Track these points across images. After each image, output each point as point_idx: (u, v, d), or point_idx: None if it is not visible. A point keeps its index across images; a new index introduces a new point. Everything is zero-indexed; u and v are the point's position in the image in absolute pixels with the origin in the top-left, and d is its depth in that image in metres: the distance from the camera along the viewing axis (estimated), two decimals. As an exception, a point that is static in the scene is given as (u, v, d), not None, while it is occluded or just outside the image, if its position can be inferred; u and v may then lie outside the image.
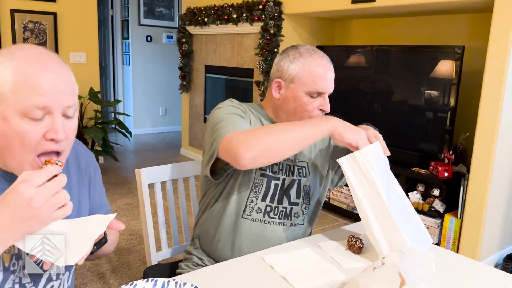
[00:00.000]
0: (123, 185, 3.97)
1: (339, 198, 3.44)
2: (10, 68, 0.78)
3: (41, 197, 0.71)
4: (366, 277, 0.89)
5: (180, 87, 5.06)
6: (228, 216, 1.28)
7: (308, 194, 1.34)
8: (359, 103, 3.36)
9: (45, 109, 0.79)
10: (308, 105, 1.26)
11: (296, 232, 1.33)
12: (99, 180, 1.10)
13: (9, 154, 0.81)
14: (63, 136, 0.81)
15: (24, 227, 0.72)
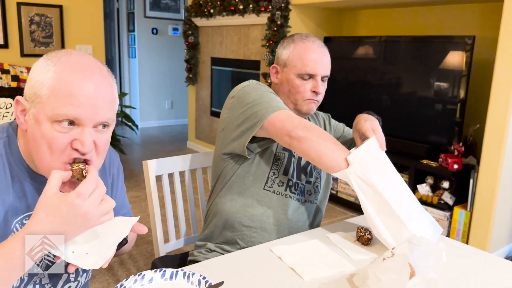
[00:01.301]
0: (130, 178, 3.98)
1: (347, 191, 3.42)
2: (51, 73, 0.77)
3: (94, 208, 0.73)
4: (376, 268, 0.88)
5: (186, 80, 5.05)
6: (248, 188, 1.30)
7: (319, 173, 1.41)
8: (368, 95, 3.33)
9: (76, 120, 0.78)
10: (300, 87, 1.31)
11: (310, 210, 1.38)
12: (121, 180, 1.10)
13: (37, 156, 0.81)
14: (88, 149, 0.79)
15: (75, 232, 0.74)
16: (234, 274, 0.98)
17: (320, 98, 1.36)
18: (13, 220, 0.83)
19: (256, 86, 1.30)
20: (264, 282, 0.96)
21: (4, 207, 0.81)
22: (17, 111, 0.80)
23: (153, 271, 0.93)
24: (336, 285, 0.95)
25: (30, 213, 0.85)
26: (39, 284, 0.89)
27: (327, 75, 1.35)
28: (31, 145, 0.80)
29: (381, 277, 0.85)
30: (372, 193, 1.10)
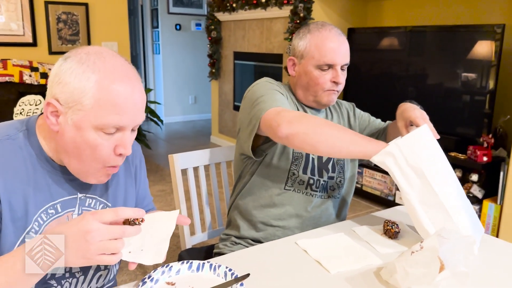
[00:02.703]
0: (155, 172, 4.04)
1: (372, 184, 3.38)
2: (93, 81, 0.79)
3: (98, 235, 0.72)
4: (404, 262, 0.87)
5: (209, 75, 5.07)
6: (269, 188, 1.30)
7: (343, 168, 1.37)
8: (393, 87, 3.27)
9: (120, 127, 0.82)
10: (319, 78, 1.28)
11: (334, 205, 1.37)
12: (144, 171, 1.12)
13: (76, 160, 0.84)
14: (130, 151, 0.85)
15: (70, 253, 0.73)
16: (260, 266, 0.99)
17: (341, 87, 1.32)
18: (37, 211, 0.85)
19: (263, 84, 1.28)
20: (290, 275, 0.96)
21: (24, 198, 0.83)
22: (47, 112, 0.82)
23: (180, 263, 0.95)
24: (363, 278, 0.94)
25: (54, 203, 0.88)
26: (69, 273, 0.92)
27: (347, 63, 1.30)
28: (69, 147, 0.82)
29: (409, 271, 0.84)
30: (418, 181, 1.03)
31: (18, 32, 3.73)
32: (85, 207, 0.93)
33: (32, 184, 0.85)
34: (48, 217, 0.87)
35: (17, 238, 0.83)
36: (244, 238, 1.34)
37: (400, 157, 1.04)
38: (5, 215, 0.81)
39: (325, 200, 1.34)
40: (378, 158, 1.06)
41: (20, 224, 0.83)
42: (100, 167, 0.85)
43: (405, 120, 1.16)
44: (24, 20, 3.74)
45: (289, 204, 1.30)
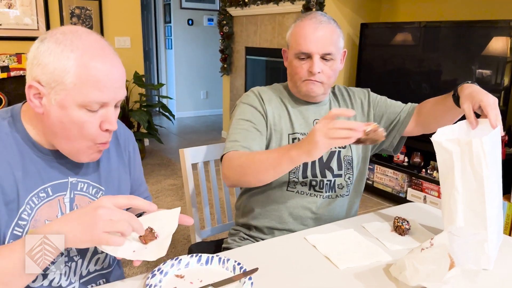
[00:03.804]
0: (167, 167, 4.07)
1: (383, 181, 3.36)
2: (72, 60, 0.79)
3: (108, 212, 0.76)
4: (414, 258, 0.86)
5: (221, 70, 5.08)
6: (272, 190, 1.29)
7: (351, 164, 1.33)
8: (406, 83, 3.24)
9: (103, 104, 0.84)
10: (297, 68, 1.25)
11: (342, 204, 1.33)
12: (138, 158, 1.13)
13: (64, 139, 0.86)
14: (116, 126, 0.87)
15: (77, 228, 0.75)
16: (268, 261, 0.99)
17: (323, 78, 1.24)
18: (28, 195, 0.87)
19: (239, 110, 1.29)
20: (299, 270, 0.96)
21: (15, 182, 0.85)
22: (30, 95, 0.82)
23: (189, 256, 0.96)
24: (372, 275, 0.94)
25: (45, 186, 0.89)
26: (67, 257, 0.93)
27: (327, 52, 1.22)
28: (56, 127, 0.84)
29: (419, 268, 0.84)
30: (474, 184, 0.96)
31: (32, 27, 3.77)
32: (77, 191, 0.95)
33: (20, 169, 0.86)
34: (40, 200, 0.88)
35: (11, 220, 0.85)
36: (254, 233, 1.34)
37: (469, 154, 0.96)
38: None
39: (333, 199, 1.30)
40: (447, 143, 0.98)
41: (13, 206, 0.85)
42: (90, 145, 0.87)
43: (474, 102, 1.05)
44: (38, 15, 3.79)
45: (293, 206, 1.27)
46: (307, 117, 1.32)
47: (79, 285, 0.95)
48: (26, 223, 0.86)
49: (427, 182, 3.04)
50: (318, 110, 1.34)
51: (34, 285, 0.89)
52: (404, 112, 1.35)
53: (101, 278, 1.00)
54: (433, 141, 1.01)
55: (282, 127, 1.29)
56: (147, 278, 0.88)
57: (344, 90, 1.43)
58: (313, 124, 1.32)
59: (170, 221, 0.89)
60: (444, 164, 1.00)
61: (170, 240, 0.85)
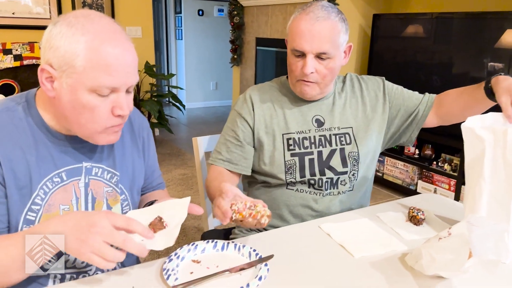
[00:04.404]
0: (177, 157, 4.09)
1: (393, 173, 3.34)
2: (82, 43, 0.79)
3: (101, 232, 0.74)
4: (431, 248, 0.86)
5: (231, 61, 5.06)
6: (272, 188, 1.27)
7: (357, 160, 1.26)
8: (417, 76, 3.20)
9: (114, 89, 0.83)
10: (292, 65, 1.20)
11: (344, 200, 1.28)
12: (152, 145, 1.13)
13: (76, 123, 0.86)
14: (128, 111, 0.87)
15: (71, 241, 0.75)
16: (283, 248, 0.99)
17: (317, 78, 1.18)
18: (42, 180, 0.87)
19: (231, 111, 1.31)
20: (314, 257, 0.96)
21: (28, 167, 0.86)
22: (42, 78, 0.83)
23: (205, 242, 0.96)
24: (388, 263, 0.94)
25: (59, 171, 0.90)
26: None
27: (322, 52, 1.14)
28: (68, 111, 0.84)
29: (436, 257, 0.83)
30: (502, 175, 0.94)
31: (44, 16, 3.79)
32: (92, 176, 0.95)
33: (34, 154, 0.87)
34: (54, 185, 0.89)
35: (24, 205, 0.85)
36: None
37: (503, 143, 0.93)
38: (9, 183, 0.83)
39: (335, 196, 1.26)
40: (480, 131, 0.96)
41: (26, 191, 0.85)
42: (102, 129, 0.87)
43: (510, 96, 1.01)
44: (50, 4, 3.80)
45: (293, 204, 1.25)
46: (305, 114, 1.27)
47: (96, 267, 0.97)
48: (39, 207, 0.87)
49: (438, 175, 3.02)
50: (319, 106, 1.28)
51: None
52: (423, 104, 1.30)
53: None
54: (463, 128, 1.00)
55: (274, 128, 1.25)
56: (164, 263, 0.89)
57: (356, 80, 1.35)
58: (312, 121, 1.27)
59: (180, 210, 0.88)
60: (472, 151, 0.99)
61: (179, 230, 0.84)
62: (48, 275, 0.91)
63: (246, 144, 1.27)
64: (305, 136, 1.25)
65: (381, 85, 1.34)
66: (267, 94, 1.30)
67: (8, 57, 3.34)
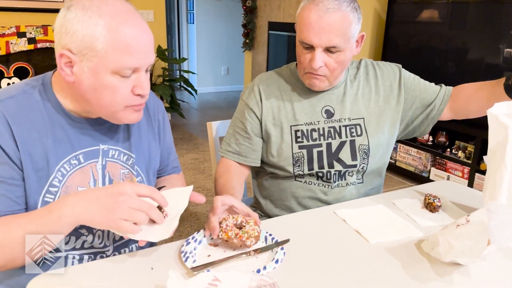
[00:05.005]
0: (189, 141, 4.11)
1: (406, 160, 3.32)
2: (101, 26, 0.79)
3: (129, 200, 0.77)
4: (448, 234, 0.85)
5: (243, 45, 5.03)
6: (281, 180, 1.27)
7: (367, 153, 1.23)
8: (431, 61, 3.15)
9: (135, 69, 0.84)
10: (300, 56, 1.16)
11: (354, 191, 1.26)
12: (168, 127, 1.14)
13: (97, 105, 0.86)
14: (148, 91, 0.88)
15: (97, 210, 0.77)
16: (298, 233, 0.99)
17: (325, 72, 1.14)
18: (59, 162, 0.88)
19: (240, 100, 1.30)
20: (329, 242, 0.96)
21: (44, 149, 0.86)
22: (61, 64, 0.83)
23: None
24: (404, 250, 0.94)
25: (76, 154, 0.91)
26: None
27: (332, 45, 1.08)
28: (89, 94, 0.85)
29: (453, 244, 0.83)
30: None
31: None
32: (109, 158, 0.96)
33: (50, 137, 0.87)
34: (72, 167, 0.90)
35: (41, 187, 0.87)
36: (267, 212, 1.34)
37: None
38: (26, 166, 0.84)
39: (343, 188, 1.24)
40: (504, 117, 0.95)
41: (43, 174, 0.86)
42: (123, 108, 0.87)
43: None
44: (64, -13, 3.79)
45: (302, 196, 1.25)
46: (315, 105, 1.24)
47: (113, 248, 0.98)
48: (57, 189, 0.88)
49: (452, 162, 3.00)
50: (329, 96, 1.24)
51: (67, 247, 0.92)
52: (439, 98, 1.26)
53: (134, 243, 1.03)
54: (489, 114, 0.98)
55: (282, 120, 1.23)
56: (182, 246, 0.90)
57: (372, 67, 1.30)
58: (321, 112, 1.24)
59: (181, 200, 0.88)
60: (496, 138, 0.98)
61: (178, 222, 0.84)
62: (66, 256, 0.92)
63: (254, 136, 1.26)
64: (314, 127, 1.22)
65: (397, 75, 1.29)
66: (275, 84, 1.28)
67: (22, 40, 3.35)
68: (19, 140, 0.83)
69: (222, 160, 1.29)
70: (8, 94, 0.86)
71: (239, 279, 0.71)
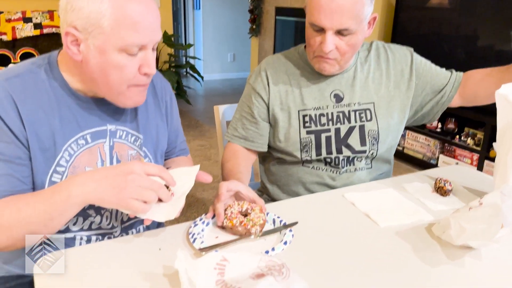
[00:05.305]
0: (195, 128, 4.10)
1: (414, 147, 3.29)
2: (106, 2, 0.78)
3: (138, 180, 0.76)
4: (460, 218, 0.84)
5: (249, 31, 4.99)
6: (288, 165, 1.26)
7: (377, 139, 1.21)
8: (440, 48, 3.10)
9: (142, 46, 0.83)
10: (310, 38, 1.11)
11: (362, 177, 1.24)
12: (175, 109, 1.13)
13: (104, 84, 0.85)
14: (155, 70, 0.87)
15: (107, 190, 0.76)
16: (307, 216, 0.98)
17: (336, 55, 1.11)
18: (66, 142, 0.87)
19: (246, 84, 1.28)
20: (338, 225, 0.95)
21: (51, 129, 0.85)
22: (67, 42, 0.81)
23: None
24: (414, 233, 0.92)
25: (84, 133, 0.90)
26: None
27: (344, 28, 1.04)
28: (96, 73, 0.83)
29: (466, 227, 0.81)
30: None
31: (63, -16, 3.75)
32: (116, 139, 0.95)
33: (57, 116, 0.86)
34: (79, 147, 0.89)
35: (48, 167, 0.86)
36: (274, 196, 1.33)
37: None
38: (33, 146, 0.83)
39: (352, 173, 1.22)
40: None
41: (50, 154, 0.86)
42: (127, 88, 0.86)
43: None
44: (69, -28, 3.75)
45: (309, 182, 1.23)
46: (323, 89, 1.21)
47: (121, 229, 0.98)
48: (65, 169, 0.87)
49: (460, 149, 2.97)
50: (339, 80, 1.22)
51: (74, 228, 0.92)
52: (450, 84, 1.24)
53: (141, 224, 1.02)
54: (497, 94, 0.96)
55: (290, 104, 1.21)
56: (190, 227, 0.89)
57: (383, 50, 1.27)
58: (330, 97, 1.22)
59: (187, 179, 0.87)
60: (505, 118, 0.96)
61: (184, 202, 0.84)
62: (74, 237, 0.92)
63: (261, 120, 1.24)
64: (322, 112, 1.20)
65: (409, 59, 1.26)
66: (283, 68, 1.25)
67: (28, 25, 3.34)
68: (25, 120, 0.82)
69: (229, 145, 1.28)
70: (13, 73, 0.85)
71: (248, 259, 0.70)
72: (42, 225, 0.78)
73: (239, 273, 0.67)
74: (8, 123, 0.81)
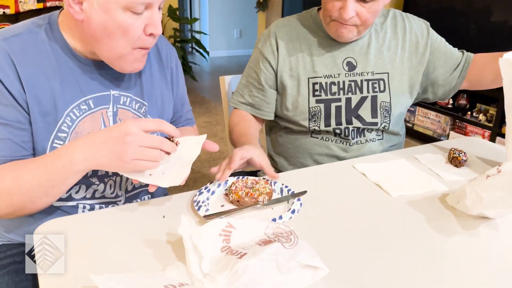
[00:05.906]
0: (201, 105, 4.06)
1: (424, 124, 3.23)
2: None
3: (137, 140, 0.72)
4: (477, 186, 0.80)
5: (256, 5, 4.88)
6: (296, 136, 1.22)
7: (389, 111, 1.17)
8: (453, 24, 3.00)
9: (148, 4, 0.78)
10: (327, 2, 1.05)
11: (373, 148, 1.21)
12: (181, 76, 1.08)
13: (107, 45, 0.80)
14: (161, 31, 0.83)
15: (108, 155, 0.73)
16: (316, 186, 0.95)
17: (356, 21, 1.05)
18: (68, 107, 0.84)
19: (255, 48, 1.23)
20: (348, 195, 0.92)
21: (52, 93, 0.82)
22: (69, 0, 0.77)
23: (235, 178, 0.93)
24: (427, 203, 0.89)
25: (86, 98, 0.86)
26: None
27: None
28: (99, 34, 0.79)
29: (482, 195, 0.78)
30: None
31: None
32: (120, 105, 0.91)
33: (58, 79, 0.83)
34: (81, 113, 0.86)
35: (49, 133, 0.83)
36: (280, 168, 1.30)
37: None
38: (33, 110, 0.80)
39: (362, 145, 1.19)
40: None
41: (51, 118, 0.82)
42: (130, 50, 0.82)
43: None
44: None
45: (318, 154, 1.19)
46: (336, 56, 1.16)
47: (125, 198, 0.96)
48: (66, 135, 0.84)
49: (472, 126, 2.90)
50: (352, 47, 1.17)
51: (77, 196, 0.89)
52: (460, 66, 1.20)
53: (146, 194, 1.00)
54: (501, 62, 0.93)
55: (300, 71, 1.16)
56: (195, 195, 0.86)
57: (401, 19, 1.21)
58: (343, 64, 1.16)
59: (193, 148, 0.84)
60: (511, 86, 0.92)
61: (189, 170, 0.80)
62: (76, 205, 0.90)
63: (268, 87, 1.20)
64: (334, 81, 1.15)
65: (425, 32, 1.21)
66: (294, 32, 1.20)
67: (31, -2, 3.28)
68: (25, 82, 0.79)
69: (235, 111, 1.24)
70: (12, 32, 0.81)
71: (255, 226, 0.67)
72: (43, 192, 0.76)
73: (245, 239, 0.65)
74: (6, 85, 0.77)
